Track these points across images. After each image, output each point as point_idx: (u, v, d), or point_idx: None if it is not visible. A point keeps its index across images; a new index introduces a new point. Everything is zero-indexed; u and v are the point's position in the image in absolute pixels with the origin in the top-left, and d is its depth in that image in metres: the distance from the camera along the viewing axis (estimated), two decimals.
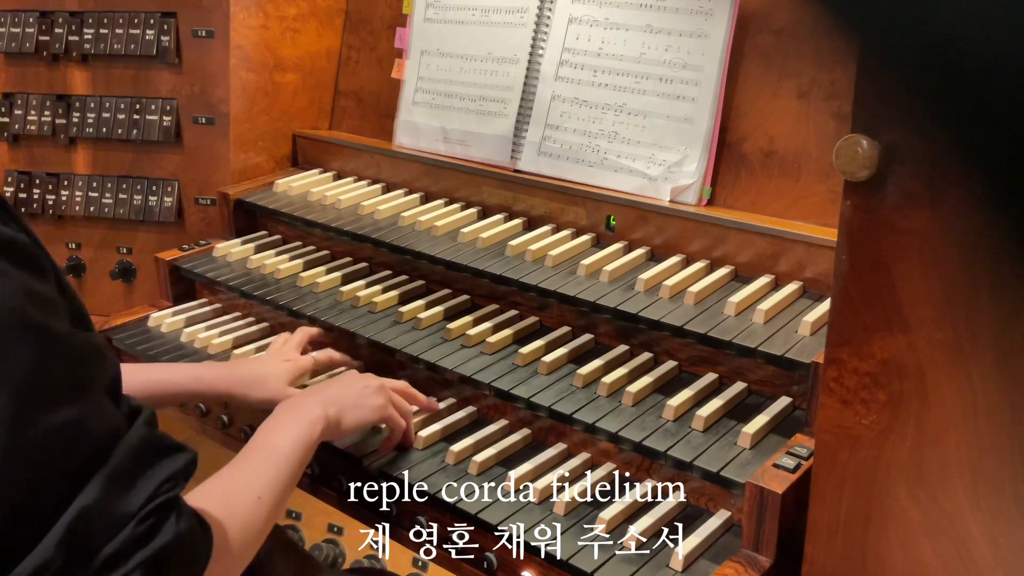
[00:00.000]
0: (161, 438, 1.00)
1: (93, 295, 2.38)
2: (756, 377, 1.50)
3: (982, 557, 1.05)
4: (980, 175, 0.95)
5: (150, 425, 1.00)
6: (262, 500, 1.17)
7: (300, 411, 1.37)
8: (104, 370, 0.97)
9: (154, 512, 0.94)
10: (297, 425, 1.33)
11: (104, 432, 0.94)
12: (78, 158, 2.32)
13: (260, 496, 1.17)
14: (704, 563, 1.29)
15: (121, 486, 0.93)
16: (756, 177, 1.70)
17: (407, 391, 1.58)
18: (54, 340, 0.91)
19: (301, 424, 1.33)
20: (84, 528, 0.90)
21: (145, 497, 0.94)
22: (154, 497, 0.95)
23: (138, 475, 0.95)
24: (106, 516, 0.91)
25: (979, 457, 1.02)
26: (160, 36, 2.18)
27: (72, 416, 0.91)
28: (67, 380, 0.92)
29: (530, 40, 1.95)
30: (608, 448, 1.49)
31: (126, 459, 0.94)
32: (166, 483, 0.96)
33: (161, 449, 0.99)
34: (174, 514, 0.96)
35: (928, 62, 0.93)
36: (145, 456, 0.97)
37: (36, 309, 0.90)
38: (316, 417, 1.35)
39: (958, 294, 0.99)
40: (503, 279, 1.71)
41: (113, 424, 0.96)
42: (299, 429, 1.32)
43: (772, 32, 1.69)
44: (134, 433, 0.96)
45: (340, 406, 1.42)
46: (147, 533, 0.93)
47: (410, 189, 2.11)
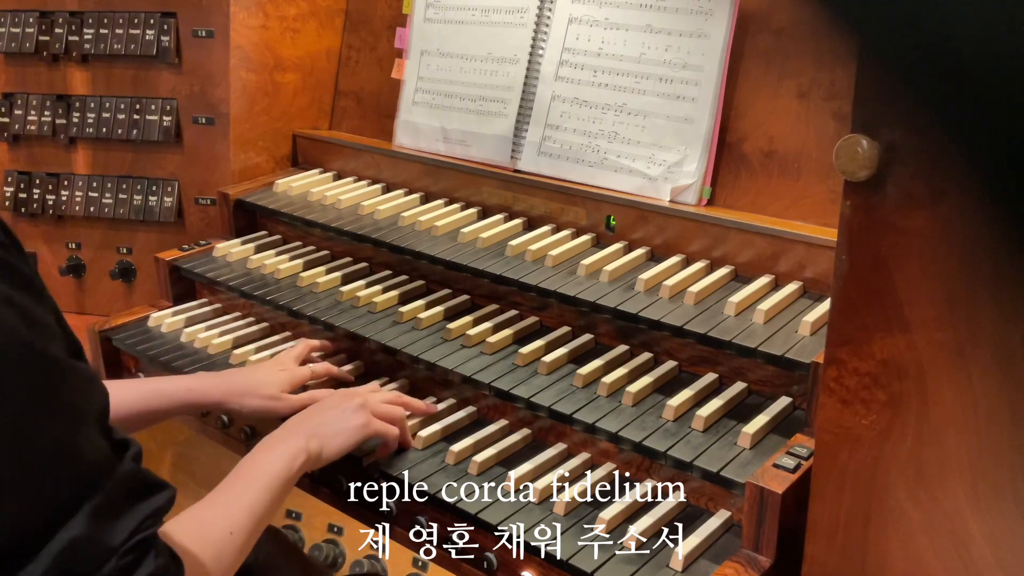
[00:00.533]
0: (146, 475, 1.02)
1: (93, 295, 2.38)
2: (756, 377, 1.50)
3: (982, 557, 1.05)
4: (980, 175, 0.95)
5: (137, 461, 1.01)
6: (234, 535, 1.19)
7: (281, 446, 1.37)
8: (96, 401, 0.99)
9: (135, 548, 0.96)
10: (276, 459, 1.34)
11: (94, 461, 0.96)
12: (78, 158, 2.32)
13: (232, 531, 1.19)
14: (704, 563, 1.29)
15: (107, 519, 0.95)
16: (756, 177, 1.70)
17: (399, 400, 1.57)
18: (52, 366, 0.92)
19: (281, 458, 1.34)
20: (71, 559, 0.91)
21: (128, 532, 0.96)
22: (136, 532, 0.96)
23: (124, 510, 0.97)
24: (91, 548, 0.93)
25: (979, 457, 1.02)
26: (160, 36, 2.18)
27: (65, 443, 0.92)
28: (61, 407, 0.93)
29: (530, 40, 1.95)
30: (608, 448, 1.49)
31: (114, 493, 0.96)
32: (148, 520, 0.98)
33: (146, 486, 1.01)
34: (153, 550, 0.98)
35: (928, 62, 0.93)
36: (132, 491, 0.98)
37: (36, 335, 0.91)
38: (297, 451, 1.36)
39: (958, 294, 0.99)
40: (503, 279, 1.71)
41: (103, 455, 0.97)
42: (279, 464, 1.33)
43: (772, 32, 1.69)
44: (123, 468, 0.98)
45: (321, 437, 1.41)
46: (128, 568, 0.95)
47: (410, 189, 2.11)
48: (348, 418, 1.46)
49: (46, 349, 0.92)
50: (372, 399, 1.52)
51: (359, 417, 1.47)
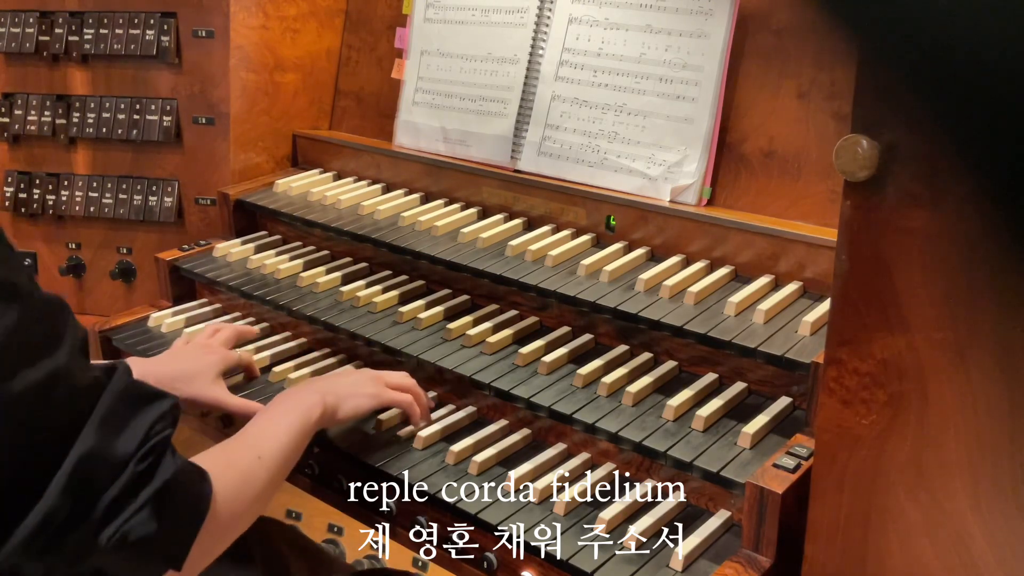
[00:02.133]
0: (143, 385, 1.03)
1: (93, 295, 2.38)
2: (756, 377, 1.50)
3: (982, 557, 1.05)
4: (980, 175, 0.95)
5: (128, 374, 1.03)
6: (262, 459, 1.20)
7: (298, 398, 1.40)
8: (74, 326, 1.00)
9: (150, 452, 0.97)
10: (295, 409, 1.36)
11: (86, 382, 0.97)
12: (78, 158, 2.32)
13: (260, 456, 1.21)
14: (704, 563, 1.29)
15: (114, 431, 0.96)
16: (756, 177, 1.70)
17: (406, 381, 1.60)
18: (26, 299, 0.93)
19: (299, 408, 1.37)
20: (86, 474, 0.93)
21: (140, 439, 0.97)
22: (148, 438, 0.98)
23: (128, 419, 0.98)
24: (105, 461, 0.94)
25: (979, 457, 1.02)
26: (160, 36, 2.18)
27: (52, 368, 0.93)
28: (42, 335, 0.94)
29: (530, 40, 1.95)
30: (608, 448, 1.49)
31: (114, 405, 0.97)
32: (157, 423, 1.00)
33: (145, 395, 1.02)
34: (169, 452, 1.00)
35: (928, 62, 0.93)
36: (132, 401, 1.00)
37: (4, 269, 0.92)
38: (314, 403, 1.39)
39: (958, 294, 0.99)
40: (503, 279, 1.71)
41: (92, 375, 0.98)
42: (297, 412, 1.36)
43: (772, 32, 1.69)
44: (117, 381, 0.99)
45: (337, 394, 1.45)
46: (147, 471, 0.97)
47: (410, 189, 2.11)
48: (363, 385, 1.50)
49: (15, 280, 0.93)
50: (383, 373, 1.57)
51: (372, 386, 1.51)
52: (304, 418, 1.35)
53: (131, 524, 0.95)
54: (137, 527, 0.95)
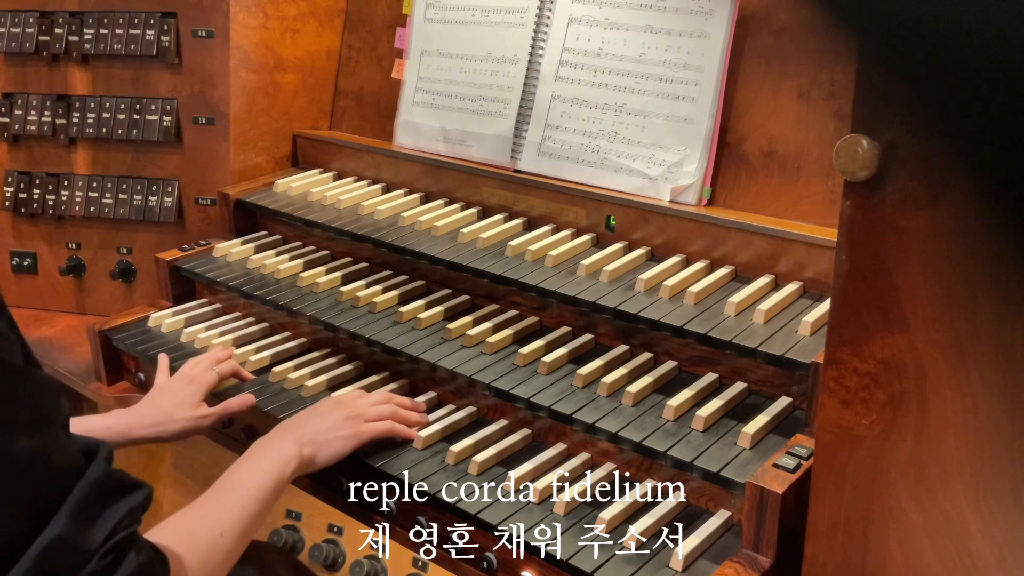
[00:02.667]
0: (120, 474, 1.02)
1: (93, 295, 2.38)
2: (756, 377, 1.50)
3: (982, 557, 1.05)
4: (980, 175, 0.95)
5: (108, 461, 1.02)
6: (224, 536, 1.19)
7: (274, 450, 1.38)
8: (60, 407, 0.99)
9: (116, 547, 0.97)
10: (269, 463, 1.35)
11: (66, 466, 0.96)
12: (78, 158, 2.32)
13: (223, 532, 1.20)
14: (704, 563, 1.29)
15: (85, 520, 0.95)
16: (756, 177, 1.70)
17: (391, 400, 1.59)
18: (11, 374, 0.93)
19: (273, 462, 1.35)
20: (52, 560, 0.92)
21: (107, 532, 0.97)
22: (115, 532, 0.97)
23: (101, 510, 0.97)
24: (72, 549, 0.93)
25: (979, 457, 1.02)
26: (160, 36, 2.18)
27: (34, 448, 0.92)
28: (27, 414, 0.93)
29: (530, 40, 1.95)
30: (608, 448, 1.49)
31: (89, 494, 0.96)
32: (126, 518, 0.99)
33: (121, 486, 1.01)
34: (133, 549, 0.99)
35: (928, 62, 0.93)
36: (107, 492, 0.99)
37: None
38: (290, 456, 1.38)
39: (958, 294, 0.99)
40: (503, 279, 1.71)
41: (73, 459, 0.98)
42: (271, 467, 1.34)
43: (772, 32, 1.69)
44: (95, 469, 0.99)
45: (314, 443, 1.43)
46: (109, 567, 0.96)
47: (410, 189, 2.11)
48: (340, 427, 1.48)
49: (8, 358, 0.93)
50: (361, 406, 1.53)
51: (350, 427, 1.49)
52: (278, 474, 1.34)
53: None
54: None
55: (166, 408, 1.62)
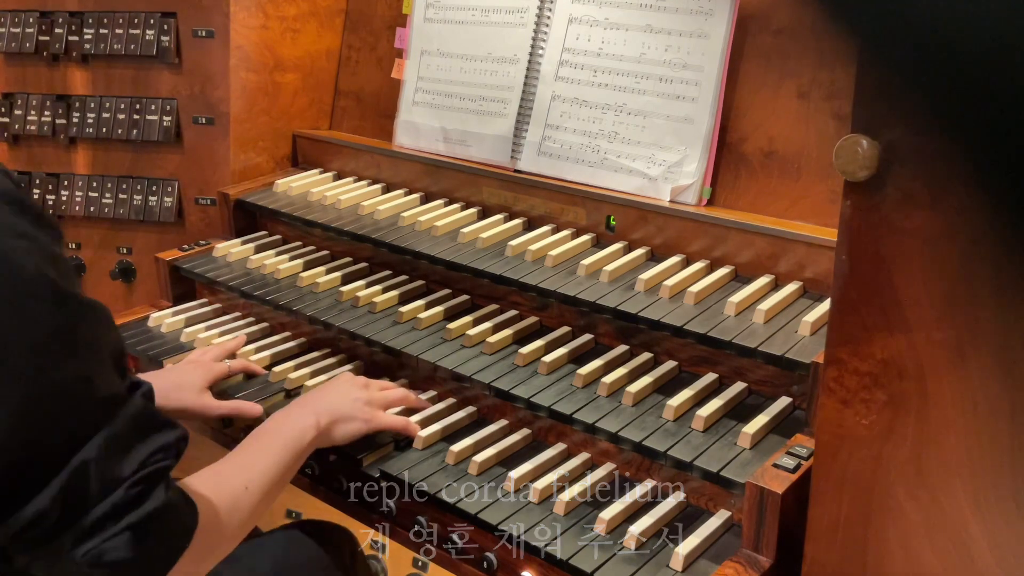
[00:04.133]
0: (156, 412, 1.06)
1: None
2: (756, 377, 1.50)
3: (982, 557, 1.05)
4: (980, 175, 0.95)
5: (148, 399, 1.06)
6: (249, 490, 1.23)
7: (294, 418, 1.42)
8: (111, 338, 1.04)
9: (145, 479, 1.00)
10: (289, 430, 1.38)
11: (108, 395, 1.00)
12: (78, 158, 2.32)
13: (247, 486, 1.23)
14: (704, 563, 1.29)
15: (118, 450, 0.99)
16: (756, 177, 1.70)
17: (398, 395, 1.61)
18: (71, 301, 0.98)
19: (293, 429, 1.39)
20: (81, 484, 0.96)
21: (138, 463, 1.00)
22: (146, 465, 1.01)
23: (134, 443, 1.01)
24: (101, 476, 0.97)
25: (979, 457, 1.02)
26: (160, 36, 2.18)
27: (81, 373, 0.97)
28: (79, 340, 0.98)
29: (530, 40, 1.95)
30: (608, 448, 1.49)
31: (125, 426, 1.00)
32: (158, 453, 1.03)
33: (156, 423, 1.05)
34: (163, 483, 1.03)
35: (928, 62, 0.93)
36: (142, 426, 1.03)
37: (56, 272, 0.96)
38: (308, 425, 1.41)
39: (958, 294, 0.99)
40: (503, 279, 1.71)
41: (116, 390, 1.02)
42: (291, 433, 1.38)
43: (772, 32, 1.69)
44: (134, 403, 1.03)
45: (332, 417, 1.46)
46: (137, 498, 1.00)
47: (410, 189, 2.11)
48: (358, 410, 1.51)
49: (68, 287, 0.97)
50: (375, 387, 1.58)
51: (367, 413, 1.51)
52: (297, 442, 1.37)
53: (108, 546, 0.98)
54: (112, 551, 0.98)
55: (175, 381, 1.64)
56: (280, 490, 1.33)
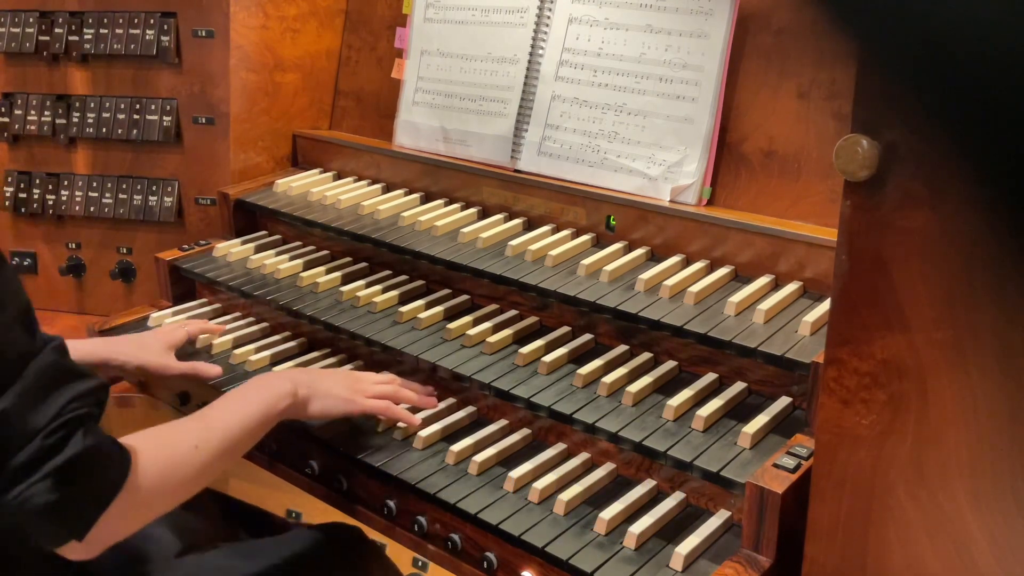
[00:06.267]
0: (69, 363, 1.07)
1: (93, 295, 2.38)
2: (756, 377, 1.50)
3: (982, 557, 1.05)
4: (980, 175, 0.95)
5: (59, 352, 1.07)
6: (199, 450, 1.22)
7: (271, 383, 1.42)
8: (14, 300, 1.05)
9: (62, 427, 1.02)
10: (263, 394, 1.38)
11: (13, 354, 1.02)
12: (78, 158, 2.32)
13: (197, 446, 1.22)
14: (704, 563, 1.29)
15: (31, 402, 1.01)
16: (756, 177, 1.70)
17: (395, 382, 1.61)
18: None
19: (268, 394, 1.39)
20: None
21: (53, 413, 1.02)
22: (61, 413, 1.02)
23: (47, 394, 1.02)
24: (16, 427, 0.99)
25: (979, 457, 1.02)
26: (160, 36, 2.18)
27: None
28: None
29: (530, 40, 1.95)
30: (608, 448, 1.49)
31: (35, 379, 1.02)
32: (73, 402, 1.03)
33: (70, 373, 1.06)
34: (82, 430, 1.03)
35: (928, 62, 0.93)
36: (54, 377, 1.04)
37: None
38: (285, 392, 1.41)
39: (958, 294, 0.99)
40: (503, 279, 1.71)
41: (23, 348, 1.03)
42: (263, 398, 1.37)
43: (772, 32, 1.69)
44: (43, 357, 1.04)
45: (311, 389, 1.47)
46: (56, 445, 1.01)
47: (410, 189, 2.11)
48: (340, 389, 1.51)
49: None
50: (365, 379, 1.57)
51: (348, 391, 1.52)
52: (268, 406, 1.37)
53: (31, 492, 1.00)
54: (36, 496, 1.00)
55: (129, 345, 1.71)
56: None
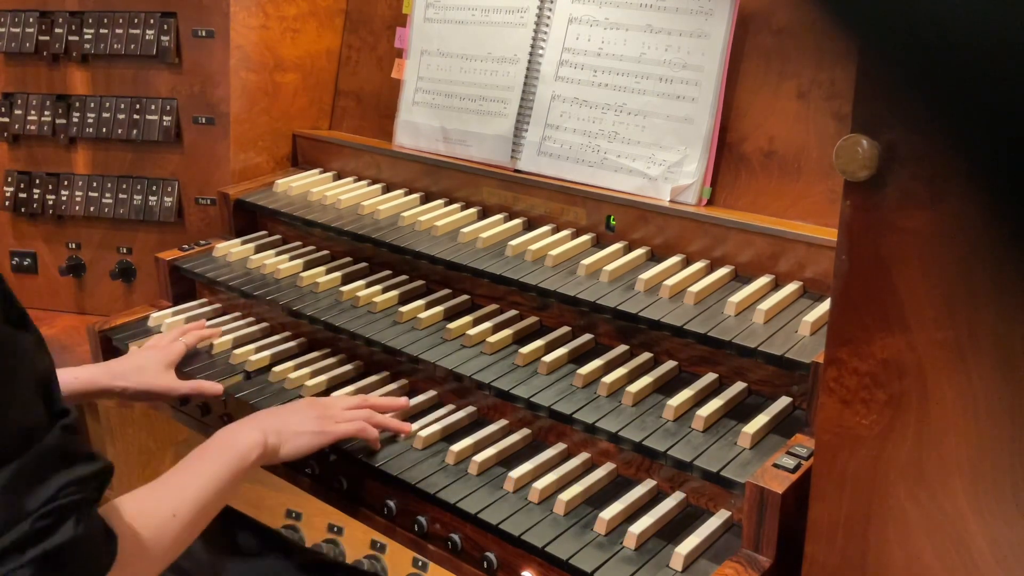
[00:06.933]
0: (74, 444, 1.02)
1: (93, 295, 2.38)
2: (756, 377, 1.50)
3: (982, 557, 1.05)
4: (980, 175, 0.95)
5: (67, 430, 1.01)
6: (177, 517, 1.19)
7: (239, 437, 1.38)
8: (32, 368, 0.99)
9: (53, 513, 0.97)
10: (232, 449, 1.35)
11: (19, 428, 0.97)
12: (78, 158, 2.32)
13: (175, 513, 1.19)
14: (704, 563, 1.29)
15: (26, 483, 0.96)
16: (756, 177, 1.70)
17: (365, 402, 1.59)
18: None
19: (237, 448, 1.35)
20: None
21: (47, 497, 0.97)
22: (55, 498, 0.97)
23: (45, 476, 0.98)
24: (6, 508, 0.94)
25: (979, 457, 1.02)
26: (160, 36, 2.18)
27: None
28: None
29: (530, 40, 1.95)
30: (608, 448, 1.49)
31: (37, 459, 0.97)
32: (71, 486, 0.99)
33: (73, 455, 1.01)
34: (74, 516, 0.98)
35: (928, 62, 0.93)
36: (57, 458, 0.99)
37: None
38: (254, 443, 1.37)
39: (958, 294, 0.99)
40: (503, 279, 1.71)
41: (32, 422, 0.98)
42: (234, 453, 1.34)
43: (772, 32, 1.69)
44: (50, 437, 0.99)
45: (280, 434, 1.43)
46: (43, 531, 0.96)
47: (410, 189, 2.11)
48: (308, 424, 1.48)
49: None
50: (334, 406, 1.54)
51: (318, 425, 1.49)
52: (239, 460, 1.33)
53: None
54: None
55: (135, 366, 1.69)
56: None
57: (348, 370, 1.79)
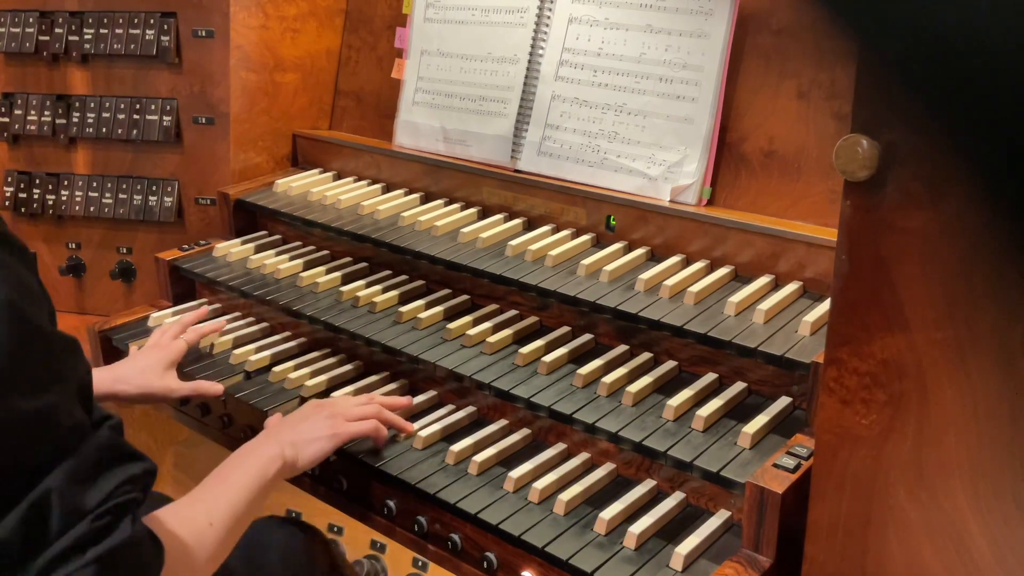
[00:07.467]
0: (124, 444, 1.03)
1: (93, 295, 2.38)
2: (756, 377, 1.50)
3: (982, 557, 1.05)
4: (980, 175, 0.95)
5: (115, 430, 1.03)
6: (214, 527, 1.20)
7: (256, 454, 1.39)
8: (77, 371, 1.01)
9: (111, 511, 0.97)
10: (254, 465, 1.36)
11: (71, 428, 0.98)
12: (78, 158, 2.32)
13: (212, 523, 1.20)
14: (704, 563, 1.29)
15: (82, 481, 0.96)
16: (756, 177, 1.70)
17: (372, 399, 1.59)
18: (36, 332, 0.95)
19: (258, 462, 1.36)
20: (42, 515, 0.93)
21: (103, 496, 0.97)
22: (112, 497, 0.98)
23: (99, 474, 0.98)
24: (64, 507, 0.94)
25: (979, 457, 1.02)
26: (160, 36, 2.18)
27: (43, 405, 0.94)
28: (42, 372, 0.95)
29: (530, 40, 1.95)
30: (608, 448, 1.49)
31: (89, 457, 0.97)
32: (125, 485, 0.99)
33: (124, 454, 1.02)
34: (130, 516, 0.99)
35: (928, 62, 0.93)
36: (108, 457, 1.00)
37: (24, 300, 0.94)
38: (272, 457, 1.38)
39: (958, 294, 0.99)
40: (503, 279, 1.71)
41: (80, 423, 0.99)
42: (256, 467, 1.35)
43: (772, 32, 1.69)
44: (100, 435, 1.00)
45: (296, 445, 1.44)
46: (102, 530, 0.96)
47: (410, 189, 2.11)
48: (320, 428, 1.48)
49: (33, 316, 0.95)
50: (343, 406, 1.54)
51: (330, 427, 1.49)
52: (261, 476, 1.34)
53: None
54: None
55: (136, 370, 1.69)
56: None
57: (348, 370, 1.79)
